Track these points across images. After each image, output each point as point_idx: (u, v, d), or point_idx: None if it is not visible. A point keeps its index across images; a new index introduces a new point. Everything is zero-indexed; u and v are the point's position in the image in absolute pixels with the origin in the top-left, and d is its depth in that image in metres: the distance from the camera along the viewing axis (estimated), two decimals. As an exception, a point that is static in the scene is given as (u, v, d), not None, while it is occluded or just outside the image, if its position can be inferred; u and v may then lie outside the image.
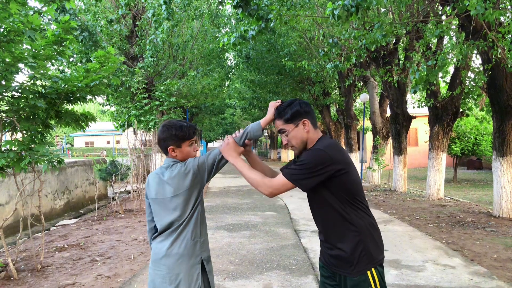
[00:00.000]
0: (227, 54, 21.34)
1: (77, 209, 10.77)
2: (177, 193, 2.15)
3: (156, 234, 2.26)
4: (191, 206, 2.18)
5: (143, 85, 11.10)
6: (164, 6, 10.00)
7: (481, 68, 8.29)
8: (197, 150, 2.32)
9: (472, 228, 7.00)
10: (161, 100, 11.41)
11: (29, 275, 4.83)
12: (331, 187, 2.03)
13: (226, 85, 24.22)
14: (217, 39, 15.95)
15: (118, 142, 49.47)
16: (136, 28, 12.40)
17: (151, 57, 11.48)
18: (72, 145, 57.93)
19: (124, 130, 11.91)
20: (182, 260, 2.14)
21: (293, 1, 8.29)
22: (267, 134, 46.65)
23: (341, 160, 2.02)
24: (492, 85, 7.65)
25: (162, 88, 11.45)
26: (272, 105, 2.20)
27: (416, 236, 6.47)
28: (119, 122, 12.08)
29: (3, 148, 4.53)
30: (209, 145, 72.70)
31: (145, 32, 12.14)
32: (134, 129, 11.28)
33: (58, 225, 8.47)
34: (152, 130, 11.55)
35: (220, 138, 74.85)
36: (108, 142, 56.17)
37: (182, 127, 2.21)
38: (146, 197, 2.33)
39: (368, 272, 2.01)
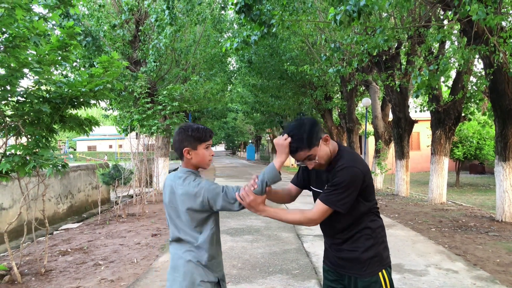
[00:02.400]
0: (229, 59, 21.43)
1: (80, 213, 10.80)
2: (187, 209, 2.07)
3: (171, 238, 2.20)
4: (205, 227, 2.11)
5: (146, 90, 11.16)
6: (167, 11, 10.09)
7: (483, 73, 8.31)
8: (212, 155, 2.23)
9: (475, 233, 6.99)
10: (164, 104, 11.46)
11: (33, 279, 4.85)
12: None
13: (229, 89, 24.28)
14: (220, 44, 16.03)
15: (120, 146, 49.61)
16: (139, 33, 12.48)
17: (154, 61, 11.55)
18: (75, 149, 58.09)
19: (126, 135, 11.96)
20: (199, 275, 2.08)
21: (295, 6, 8.34)
22: (269, 138, 46.68)
23: (367, 170, 2.07)
24: (494, 90, 7.66)
25: (165, 92, 11.50)
26: (283, 145, 2.02)
27: (419, 241, 6.47)
28: (122, 127, 12.14)
29: (8, 153, 4.57)
30: (212, 149, 72.65)
31: (148, 37, 12.23)
32: (136, 133, 11.32)
33: (61, 229, 8.49)
34: (155, 134, 11.59)
35: (223, 142, 74.48)
36: (110, 146, 56.30)
37: (198, 129, 2.15)
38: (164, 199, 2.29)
39: (380, 273, 2.06)
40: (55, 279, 4.87)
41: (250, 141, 54.60)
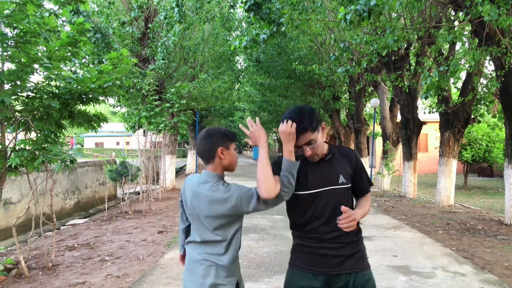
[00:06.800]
0: (237, 58, 21.43)
1: (86, 209, 10.87)
2: (213, 215, 2.01)
3: (191, 239, 2.16)
4: (230, 230, 2.05)
5: (154, 87, 11.19)
6: (176, 9, 10.08)
7: (494, 74, 8.22)
8: (237, 156, 2.19)
9: (483, 236, 6.93)
10: (171, 102, 11.49)
11: (40, 273, 4.89)
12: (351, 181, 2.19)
13: (236, 88, 24.29)
14: (228, 42, 16.02)
15: (127, 143, 49.85)
16: (148, 31, 12.51)
17: (163, 59, 11.57)
18: (82, 146, 58.55)
19: (134, 132, 12.01)
20: (220, 278, 2.03)
21: (305, 5, 8.31)
22: (275, 138, 46.62)
23: None
24: (505, 92, 7.58)
25: (173, 90, 11.52)
26: (291, 132, 1.95)
27: (426, 243, 6.42)
28: (130, 124, 12.20)
29: (17, 147, 4.60)
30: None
31: (157, 34, 12.25)
32: (144, 130, 11.36)
33: (68, 225, 8.55)
34: (162, 132, 11.62)
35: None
36: (117, 143, 56.65)
37: (227, 129, 2.12)
38: (180, 200, 2.25)
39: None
40: (62, 273, 4.90)
41: (256, 140, 54.56)
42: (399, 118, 13.43)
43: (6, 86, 4.56)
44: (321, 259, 2.09)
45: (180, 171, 26.28)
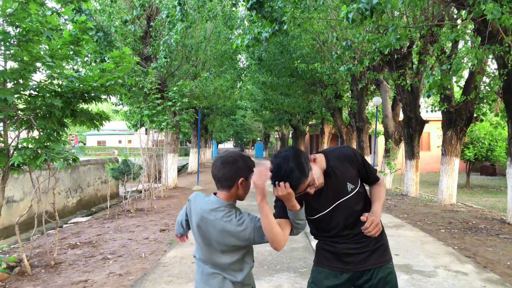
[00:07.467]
0: (239, 56, 21.40)
1: (89, 207, 10.90)
2: (222, 242, 1.95)
3: (198, 257, 2.10)
4: (240, 252, 1.99)
5: (156, 86, 11.20)
6: (178, 8, 10.09)
7: (497, 73, 8.19)
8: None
9: (485, 235, 6.92)
10: (173, 100, 11.49)
11: (42, 271, 4.90)
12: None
13: (238, 86, 24.28)
14: (230, 40, 16.01)
15: (129, 141, 49.91)
16: (150, 29, 12.52)
17: (165, 57, 11.57)
18: (84, 144, 58.68)
19: (136, 130, 12.02)
20: None
21: (307, 3, 8.29)
22: (277, 136, 46.65)
23: None
24: (507, 90, 7.55)
25: (175, 88, 11.53)
26: (289, 193, 1.88)
27: (428, 242, 6.41)
28: (132, 122, 12.20)
29: (20, 146, 4.62)
30: (220, 146, 72.92)
31: (159, 33, 12.26)
32: (146, 129, 11.37)
33: (71, 223, 8.57)
34: (164, 130, 11.63)
35: (231, 139, 74.42)
36: (120, 142, 56.73)
37: (249, 157, 2.02)
38: (185, 215, 2.19)
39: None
40: (64, 271, 4.91)
41: (258, 138, 54.62)
42: (401, 116, 13.40)
43: (9, 85, 4.57)
44: (347, 258, 2.15)
45: (182, 170, 26.32)
